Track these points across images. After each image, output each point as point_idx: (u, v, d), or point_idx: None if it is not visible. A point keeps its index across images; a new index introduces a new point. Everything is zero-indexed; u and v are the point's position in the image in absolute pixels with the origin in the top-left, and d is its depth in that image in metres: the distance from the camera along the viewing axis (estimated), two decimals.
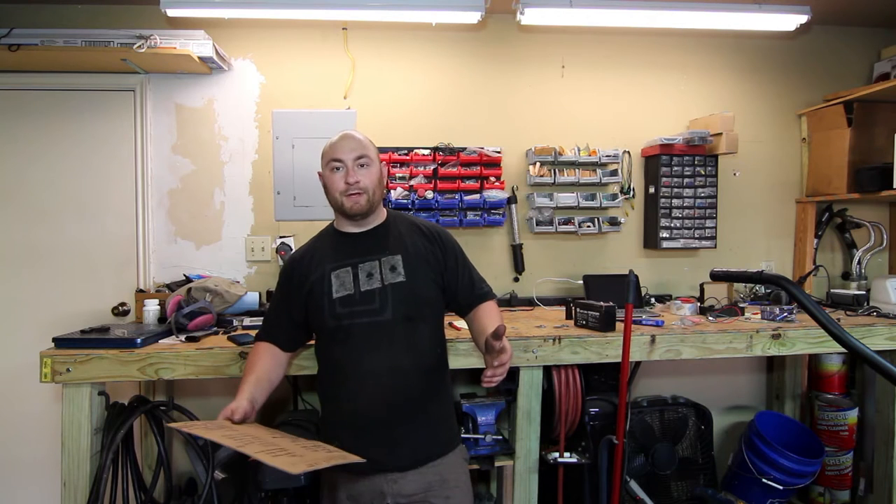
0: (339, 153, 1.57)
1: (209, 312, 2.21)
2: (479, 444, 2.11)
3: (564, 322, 2.35)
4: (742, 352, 2.19)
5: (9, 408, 2.64)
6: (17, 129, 2.64)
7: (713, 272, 1.47)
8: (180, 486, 2.60)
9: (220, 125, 2.73)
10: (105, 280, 2.67)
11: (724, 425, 3.02)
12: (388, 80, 2.81)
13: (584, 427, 2.32)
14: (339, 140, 1.59)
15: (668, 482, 2.54)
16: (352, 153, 1.56)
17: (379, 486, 1.54)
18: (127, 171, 2.68)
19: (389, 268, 1.57)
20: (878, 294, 2.68)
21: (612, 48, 2.94)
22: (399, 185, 2.66)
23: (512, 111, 2.89)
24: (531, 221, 2.85)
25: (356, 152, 1.57)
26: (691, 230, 2.89)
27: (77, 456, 1.87)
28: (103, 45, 2.35)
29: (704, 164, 2.88)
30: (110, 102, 2.68)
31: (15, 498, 2.67)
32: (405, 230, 1.65)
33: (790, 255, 3.11)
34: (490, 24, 2.85)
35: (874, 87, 2.70)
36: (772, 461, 2.45)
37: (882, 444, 2.47)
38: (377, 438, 1.53)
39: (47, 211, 2.66)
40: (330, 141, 1.61)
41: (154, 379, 1.91)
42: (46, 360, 1.84)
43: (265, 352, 1.65)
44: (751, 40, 3.03)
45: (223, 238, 2.74)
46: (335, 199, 1.59)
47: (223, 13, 2.39)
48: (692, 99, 3.00)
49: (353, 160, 1.56)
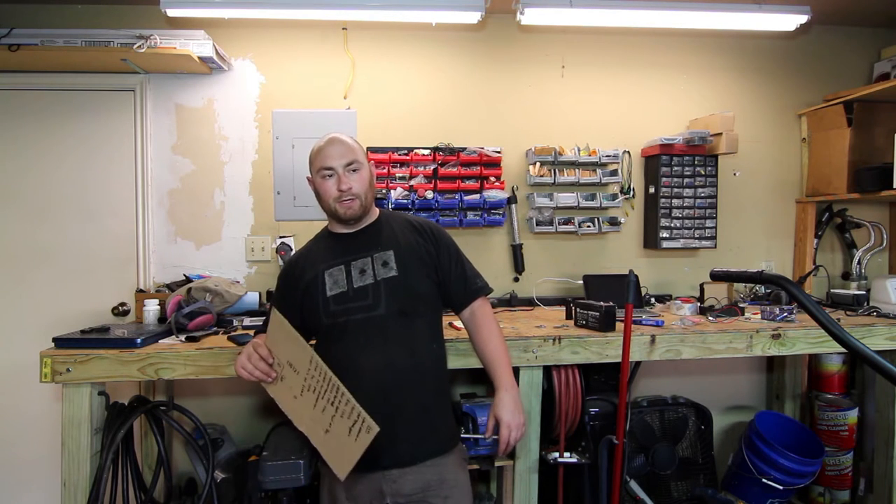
0: (329, 161, 1.58)
1: (209, 312, 2.21)
2: (479, 444, 2.10)
3: (564, 322, 2.35)
4: (742, 352, 2.19)
5: (9, 408, 2.64)
6: (18, 129, 2.64)
7: (713, 272, 1.47)
8: (180, 486, 2.60)
9: (220, 125, 2.73)
10: (105, 280, 2.67)
11: (724, 425, 3.02)
12: (388, 80, 2.81)
13: (584, 427, 2.32)
14: (326, 146, 1.60)
15: (668, 482, 2.54)
16: (341, 159, 1.58)
17: (378, 485, 1.54)
18: (127, 171, 2.68)
19: (381, 263, 1.59)
20: (878, 294, 2.68)
21: (612, 48, 2.94)
22: (399, 185, 2.66)
23: (512, 111, 2.89)
24: (531, 221, 2.85)
25: (346, 158, 1.58)
26: (691, 230, 2.89)
27: (77, 456, 1.87)
28: (103, 45, 2.35)
29: (704, 164, 2.88)
30: (110, 102, 2.68)
31: (15, 498, 2.67)
32: (398, 227, 1.67)
33: (790, 255, 3.11)
34: (490, 24, 2.85)
35: (874, 87, 2.70)
36: (772, 461, 2.45)
37: (882, 444, 2.47)
38: (376, 436, 1.53)
39: (47, 211, 2.66)
40: (317, 145, 1.62)
41: (154, 379, 1.91)
42: (46, 360, 1.84)
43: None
44: (751, 40, 3.03)
45: (223, 238, 2.74)
46: (328, 205, 1.61)
47: (223, 13, 2.39)
48: (692, 99, 3.01)
49: (344, 167, 1.58)
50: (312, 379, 1.44)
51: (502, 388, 1.63)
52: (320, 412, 1.44)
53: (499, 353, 1.68)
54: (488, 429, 1.65)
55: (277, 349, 1.50)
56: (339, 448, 1.43)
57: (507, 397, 1.63)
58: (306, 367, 1.45)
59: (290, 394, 1.48)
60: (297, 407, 1.48)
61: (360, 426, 1.38)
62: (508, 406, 1.62)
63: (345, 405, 1.40)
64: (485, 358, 1.70)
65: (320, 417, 1.44)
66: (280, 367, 1.49)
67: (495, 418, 1.62)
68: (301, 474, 1.92)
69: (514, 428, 1.61)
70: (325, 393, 1.43)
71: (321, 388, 1.43)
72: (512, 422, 1.61)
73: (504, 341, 1.71)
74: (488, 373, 1.69)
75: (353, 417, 1.39)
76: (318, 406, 1.44)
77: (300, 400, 1.47)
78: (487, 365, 1.69)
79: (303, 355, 1.45)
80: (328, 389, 1.42)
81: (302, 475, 1.92)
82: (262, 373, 1.49)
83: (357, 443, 1.39)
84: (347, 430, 1.40)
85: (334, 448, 1.44)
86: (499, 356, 1.67)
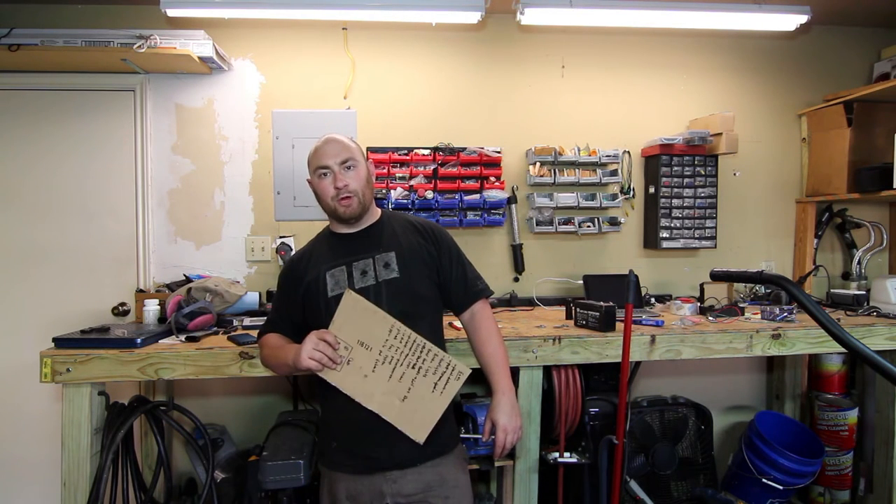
0: (324, 159, 1.58)
1: (209, 312, 2.21)
2: (479, 445, 2.10)
3: (564, 322, 2.35)
4: (742, 352, 2.19)
5: (9, 408, 2.64)
6: (17, 130, 2.64)
7: (713, 272, 1.47)
8: (180, 486, 2.60)
9: (220, 125, 2.73)
10: (105, 280, 2.67)
11: (724, 425, 3.02)
12: (388, 80, 2.81)
13: (584, 427, 2.32)
14: (322, 146, 1.61)
15: (668, 482, 2.54)
16: (336, 157, 1.58)
17: (378, 486, 1.54)
18: (127, 170, 2.68)
19: (383, 264, 1.59)
20: (878, 294, 2.68)
21: (612, 48, 2.94)
22: (399, 185, 2.66)
23: (512, 111, 2.89)
24: (531, 221, 2.85)
25: (341, 156, 1.58)
26: (691, 230, 2.89)
27: (77, 456, 1.87)
28: (103, 45, 2.35)
29: (704, 164, 2.88)
30: (110, 102, 2.68)
31: (15, 498, 2.67)
32: (399, 228, 1.67)
33: (790, 255, 3.11)
34: (490, 24, 2.85)
35: (874, 87, 2.70)
36: (772, 461, 2.45)
37: (882, 444, 2.47)
38: (376, 437, 1.53)
39: (47, 211, 2.66)
40: (314, 146, 1.63)
41: (154, 379, 1.91)
42: (46, 360, 1.84)
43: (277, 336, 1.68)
44: (751, 40, 3.03)
45: (223, 238, 2.74)
46: (327, 204, 1.61)
47: (223, 13, 2.39)
48: (692, 99, 3.01)
49: (339, 164, 1.58)
50: (391, 349, 1.50)
51: (499, 392, 1.64)
52: (397, 381, 1.50)
53: (497, 356, 1.68)
54: (485, 432, 1.65)
55: (345, 332, 1.51)
56: (418, 411, 1.50)
57: (503, 400, 1.63)
58: (384, 339, 1.50)
59: (359, 374, 1.51)
60: (368, 385, 1.51)
61: (449, 375, 1.50)
62: (505, 410, 1.62)
63: (431, 361, 1.50)
64: (483, 360, 1.70)
65: (397, 387, 1.50)
66: (348, 349, 1.51)
67: (492, 422, 1.63)
68: (301, 474, 1.92)
69: (510, 432, 1.61)
70: (406, 357, 1.50)
71: (401, 355, 1.50)
72: (508, 425, 1.61)
73: (503, 344, 1.71)
74: (486, 375, 1.69)
75: (440, 370, 1.50)
76: (395, 375, 1.50)
77: (372, 377, 1.50)
78: (485, 367, 1.69)
79: (381, 328, 1.50)
80: (410, 352, 1.50)
81: (302, 475, 1.92)
82: (330, 358, 1.47)
83: (443, 395, 1.50)
84: (432, 386, 1.50)
85: (411, 414, 1.51)
86: (497, 359, 1.67)
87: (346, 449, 1.57)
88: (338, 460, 1.59)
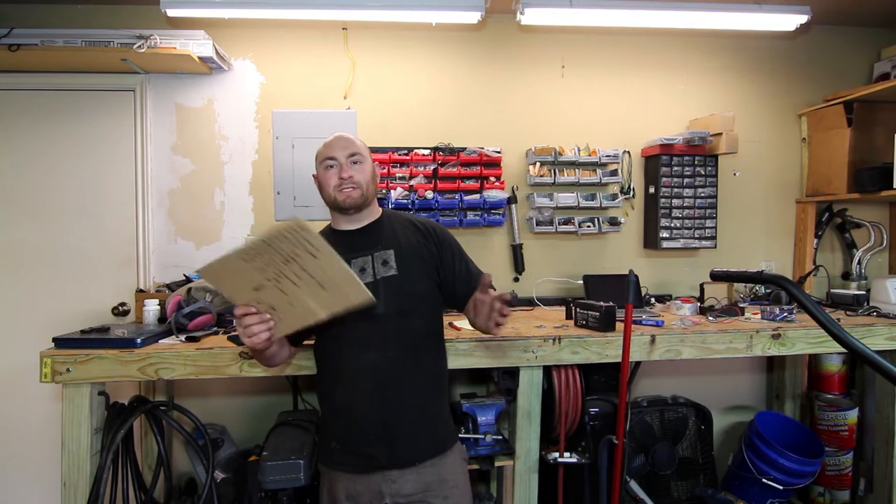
0: (333, 151, 1.62)
1: (209, 312, 2.21)
2: (479, 444, 2.11)
3: (564, 322, 2.35)
4: (742, 352, 2.19)
5: (9, 408, 2.64)
6: (17, 129, 2.64)
7: (713, 272, 1.48)
8: (180, 486, 2.60)
9: (220, 125, 2.73)
10: (105, 280, 2.67)
11: (724, 425, 3.02)
12: (388, 80, 2.81)
13: (584, 427, 2.31)
14: (332, 140, 1.66)
15: (668, 482, 2.54)
16: (345, 150, 1.62)
17: (377, 486, 1.54)
18: (127, 171, 2.68)
19: (381, 262, 1.59)
20: (878, 294, 2.68)
21: (612, 48, 2.94)
22: (399, 185, 2.66)
23: (512, 111, 2.89)
24: (531, 221, 2.85)
25: (349, 150, 1.62)
26: (691, 230, 2.89)
27: (77, 456, 1.87)
28: (103, 45, 2.35)
29: (704, 164, 2.88)
30: (110, 102, 2.68)
31: (15, 498, 2.67)
32: (400, 227, 1.67)
33: (790, 255, 3.11)
34: (490, 24, 2.85)
35: (874, 87, 2.70)
36: (772, 461, 2.45)
37: (882, 444, 2.47)
38: (375, 435, 1.53)
39: (47, 211, 2.65)
40: (324, 142, 1.67)
41: (154, 379, 1.91)
42: (46, 360, 1.84)
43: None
44: (751, 40, 3.03)
45: (223, 238, 2.74)
46: (329, 194, 1.62)
47: (223, 13, 2.39)
48: (692, 99, 3.00)
49: (347, 157, 1.61)
50: (270, 269, 1.32)
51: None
52: (300, 280, 1.34)
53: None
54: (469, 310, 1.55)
55: (241, 294, 1.38)
56: (336, 282, 1.33)
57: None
58: (257, 269, 1.32)
59: (287, 308, 1.37)
60: (300, 306, 1.37)
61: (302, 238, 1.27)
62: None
63: (286, 245, 1.28)
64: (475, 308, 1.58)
65: (307, 285, 1.34)
66: (260, 302, 1.38)
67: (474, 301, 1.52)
68: (301, 474, 1.92)
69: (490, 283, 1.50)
70: (278, 263, 1.31)
71: (275, 264, 1.31)
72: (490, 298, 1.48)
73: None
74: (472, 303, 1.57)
75: (297, 244, 1.28)
76: (295, 280, 1.34)
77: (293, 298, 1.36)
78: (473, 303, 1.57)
79: (245, 264, 1.32)
80: (275, 257, 1.30)
81: (302, 475, 1.92)
82: (263, 323, 1.39)
83: (323, 252, 1.30)
84: (311, 259, 1.30)
85: (337, 289, 1.33)
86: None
87: (345, 448, 1.57)
88: (337, 460, 1.59)
